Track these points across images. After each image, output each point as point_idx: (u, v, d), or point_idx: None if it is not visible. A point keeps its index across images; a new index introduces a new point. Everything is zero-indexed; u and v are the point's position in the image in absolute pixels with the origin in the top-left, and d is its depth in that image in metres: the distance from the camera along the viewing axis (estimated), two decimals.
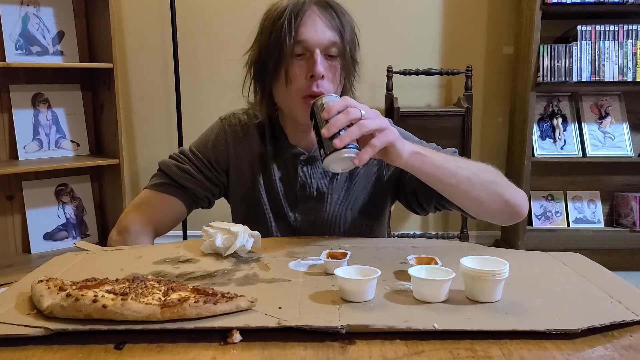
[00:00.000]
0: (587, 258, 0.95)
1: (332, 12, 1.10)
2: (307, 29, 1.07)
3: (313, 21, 1.08)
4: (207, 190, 1.21)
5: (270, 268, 0.89)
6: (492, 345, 0.63)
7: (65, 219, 2.66)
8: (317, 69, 1.07)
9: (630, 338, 0.65)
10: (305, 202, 1.20)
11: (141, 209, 1.19)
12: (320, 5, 1.09)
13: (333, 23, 1.09)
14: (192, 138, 1.28)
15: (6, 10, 2.44)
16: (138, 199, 1.21)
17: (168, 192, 1.18)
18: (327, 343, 0.64)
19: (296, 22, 1.07)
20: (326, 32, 1.08)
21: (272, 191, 1.20)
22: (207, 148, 1.22)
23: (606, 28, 2.63)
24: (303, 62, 1.09)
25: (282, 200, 1.20)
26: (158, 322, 0.66)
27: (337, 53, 1.10)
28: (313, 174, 1.20)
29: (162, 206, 1.19)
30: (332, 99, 0.97)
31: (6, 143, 2.52)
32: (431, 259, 0.88)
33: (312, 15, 1.08)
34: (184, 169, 1.19)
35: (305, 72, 1.09)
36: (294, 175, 1.20)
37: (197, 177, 1.19)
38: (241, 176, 1.22)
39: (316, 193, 1.20)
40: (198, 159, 1.20)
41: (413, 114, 2.63)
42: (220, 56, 2.90)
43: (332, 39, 1.08)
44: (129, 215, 1.18)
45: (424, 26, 2.90)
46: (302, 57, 1.09)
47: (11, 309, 0.72)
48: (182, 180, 1.18)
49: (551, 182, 2.92)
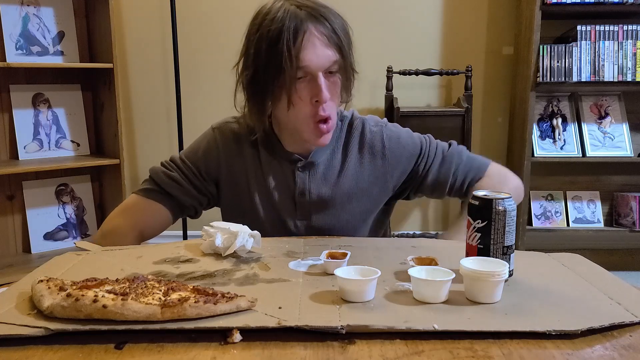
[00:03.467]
0: (586, 259, 0.95)
1: (328, 25, 1.05)
2: (308, 54, 1.03)
3: (313, 44, 1.04)
4: (194, 199, 1.20)
5: (270, 268, 0.89)
6: (492, 345, 0.63)
7: (66, 219, 2.66)
8: (324, 96, 1.05)
9: (630, 338, 0.65)
10: (304, 209, 1.19)
11: (126, 213, 1.18)
12: (316, 20, 1.05)
13: (332, 39, 1.05)
14: (192, 138, 1.27)
15: (6, 10, 2.44)
16: (124, 204, 1.20)
17: (154, 199, 1.18)
18: (327, 343, 0.64)
19: (295, 46, 1.02)
20: (326, 52, 1.05)
21: (268, 199, 1.19)
22: (197, 156, 1.20)
23: (606, 28, 2.63)
24: (305, 85, 1.06)
25: (278, 208, 1.19)
26: (158, 322, 0.66)
27: (338, 69, 1.08)
28: (312, 179, 1.18)
29: (148, 212, 1.18)
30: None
31: (6, 143, 2.52)
32: (431, 260, 0.88)
33: (311, 38, 1.04)
34: (172, 176, 1.18)
35: (308, 96, 1.06)
36: (292, 183, 1.19)
37: (184, 185, 1.18)
38: (234, 186, 1.21)
39: (316, 199, 1.19)
40: (187, 167, 1.19)
41: (413, 114, 2.63)
42: (220, 56, 2.89)
43: (333, 58, 1.06)
44: (113, 219, 1.18)
45: (424, 26, 2.90)
46: (303, 80, 1.06)
47: (11, 309, 0.72)
48: (168, 188, 1.18)
49: (551, 182, 2.92)
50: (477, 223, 0.83)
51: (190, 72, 2.92)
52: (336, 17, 1.08)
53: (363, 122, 1.23)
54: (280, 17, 1.03)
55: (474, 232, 0.84)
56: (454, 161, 1.22)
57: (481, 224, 0.83)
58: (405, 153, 1.22)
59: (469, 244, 0.86)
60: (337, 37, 1.06)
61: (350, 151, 1.21)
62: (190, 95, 2.94)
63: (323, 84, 1.05)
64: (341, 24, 1.09)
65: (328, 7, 1.08)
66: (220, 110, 1.30)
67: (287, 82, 1.04)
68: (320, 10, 1.06)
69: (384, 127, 1.23)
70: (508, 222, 0.82)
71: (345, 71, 1.09)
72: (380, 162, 1.21)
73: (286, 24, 1.02)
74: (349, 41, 1.10)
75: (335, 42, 1.06)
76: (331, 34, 1.05)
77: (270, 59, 1.04)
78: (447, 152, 1.23)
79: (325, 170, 1.20)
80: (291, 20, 1.03)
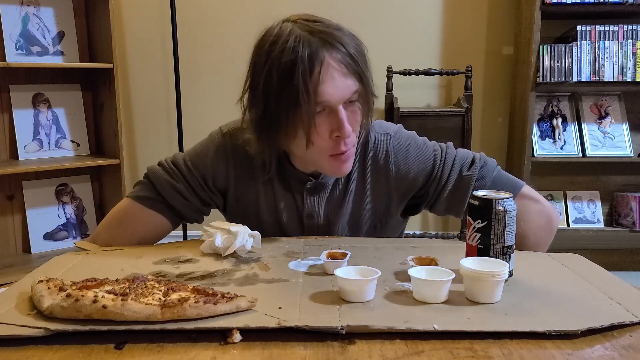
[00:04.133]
0: (586, 259, 0.95)
1: (345, 50, 0.95)
2: (326, 87, 0.93)
3: (331, 76, 0.93)
4: (198, 212, 1.13)
5: (270, 268, 0.89)
6: (492, 345, 0.63)
7: (66, 219, 2.66)
8: (346, 131, 0.96)
9: (630, 338, 0.65)
10: (312, 230, 1.13)
11: (122, 225, 1.09)
12: (331, 47, 0.94)
13: (350, 67, 0.95)
14: (192, 138, 1.26)
15: (6, 10, 2.44)
16: (119, 212, 1.10)
17: (154, 209, 1.08)
18: (327, 343, 0.64)
19: (312, 79, 0.92)
20: (346, 82, 0.95)
21: (276, 217, 1.13)
22: (205, 164, 1.10)
23: (606, 28, 2.63)
24: (324, 119, 0.97)
25: (286, 226, 1.13)
26: (158, 322, 0.66)
27: (358, 97, 0.98)
28: (321, 202, 1.11)
29: (147, 223, 1.09)
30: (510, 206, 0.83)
31: (6, 143, 2.52)
32: (431, 260, 0.88)
33: (329, 69, 0.93)
34: (177, 188, 1.08)
35: (328, 131, 0.97)
36: (301, 203, 1.12)
37: (189, 199, 1.09)
38: (242, 200, 1.13)
39: (323, 221, 1.12)
40: (193, 176, 1.09)
41: (413, 114, 2.63)
42: (220, 56, 2.89)
43: (354, 88, 0.96)
44: (109, 230, 1.09)
45: (424, 26, 2.90)
46: (322, 114, 0.96)
47: (11, 309, 0.72)
48: (172, 201, 1.09)
49: (551, 182, 2.92)
50: (477, 223, 0.83)
51: (190, 72, 2.92)
52: (351, 38, 0.99)
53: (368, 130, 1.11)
54: (292, 46, 0.92)
55: (474, 232, 0.84)
56: (471, 184, 1.07)
57: (481, 224, 0.83)
58: (412, 171, 1.10)
59: (469, 244, 0.86)
60: (355, 63, 0.96)
61: (355, 165, 1.10)
62: (190, 95, 2.94)
63: (344, 118, 0.96)
64: (356, 45, 0.99)
65: (341, 28, 0.99)
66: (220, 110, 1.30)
67: (304, 119, 0.94)
68: (334, 34, 0.96)
69: (392, 137, 1.11)
70: (508, 222, 0.82)
71: (366, 99, 1.00)
72: (383, 178, 1.11)
73: (299, 54, 0.92)
74: (366, 64, 1.00)
75: (354, 69, 0.96)
76: (349, 62, 0.95)
77: (283, 94, 0.94)
78: (467, 172, 1.08)
79: (333, 190, 1.12)
80: (304, 49, 0.92)
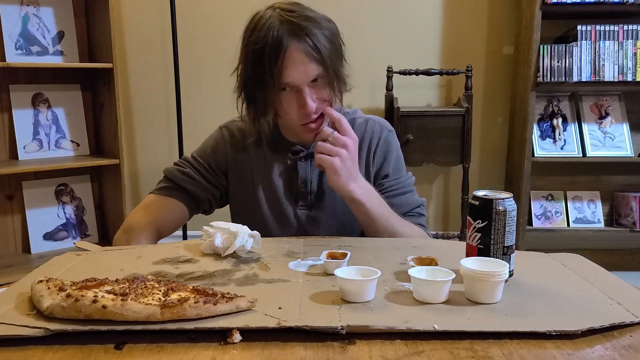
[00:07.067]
0: (586, 259, 0.95)
1: (310, 41, 1.06)
2: (290, 71, 1.07)
3: (294, 61, 1.06)
4: (208, 191, 1.26)
5: (270, 268, 0.89)
6: (492, 345, 0.63)
7: (65, 219, 2.66)
8: (310, 107, 1.09)
9: (630, 338, 0.65)
10: (306, 198, 1.23)
11: (145, 210, 1.23)
12: (296, 35, 1.06)
13: (311, 56, 1.07)
14: (192, 138, 1.30)
15: (6, 10, 2.44)
16: (143, 203, 1.26)
17: (170, 195, 1.23)
18: (327, 343, 0.64)
19: (277, 64, 1.06)
20: (309, 66, 1.07)
21: (272, 190, 1.24)
22: (206, 153, 1.27)
23: (606, 28, 2.63)
24: (292, 96, 1.10)
25: (282, 197, 1.24)
26: (158, 322, 0.66)
27: (323, 77, 1.10)
28: (313, 170, 1.23)
29: (165, 208, 1.23)
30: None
31: (6, 143, 2.52)
32: (431, 260, 0.88)
33: (292, 56, 1.06)
34: (185, 172, 1.25)
35: (295, 107, 1.11)
36: (294, 172, 1.24)
37: (197, 179, 1.24)
38: (241, 180, 1.27)
39: (317, 189, 1.23)
40: (199, 163, 1.26)
41: (413, 114, 2.63)
42: (220, 56, 2.89)
43: (316, 72, 1.08)
44: (134, 215, 1.23)
45: (424, 26, 2.90)
46: (289, 92, 1.10)
47: (11, 309, 0.72)
48: (183, 183, 1.24)
49: (551, 182, 2.92)
50: (477, 223, 0.83)
51: (190, 72, 2.92)
52: (320, 27, 1.09)
53: (367, 119, 1.27)
54: (263, 35, 1.06)
55: (474, 232, 0.84)
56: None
57: (481, 224, 0.83)
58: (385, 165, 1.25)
59: (469, 244, 0.86)
60: (318, 53, 1.07)
61: None
62: (190, 95, 2.94)
63: (308, 96, 1.09)
64: (325, 35, 1.09)
65: (313, 18, 1.09)
66: (220, 110, 1.32)
67: (272, 96, 1.10)
68: (303, 25, 1.07)
69: (389, 133, 1.28)
70: (508, 222, 0.82)
71: (329, 81, 1.11)
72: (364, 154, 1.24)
73: (268, 42, 1.05)
74: (335, 51, 1.11)
75: (316, 58, 1.07)
76: (311, 51, 1.06)
77: (254, 74, 1.10)
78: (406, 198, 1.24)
79: None
80: (273, 37, 1.05)
